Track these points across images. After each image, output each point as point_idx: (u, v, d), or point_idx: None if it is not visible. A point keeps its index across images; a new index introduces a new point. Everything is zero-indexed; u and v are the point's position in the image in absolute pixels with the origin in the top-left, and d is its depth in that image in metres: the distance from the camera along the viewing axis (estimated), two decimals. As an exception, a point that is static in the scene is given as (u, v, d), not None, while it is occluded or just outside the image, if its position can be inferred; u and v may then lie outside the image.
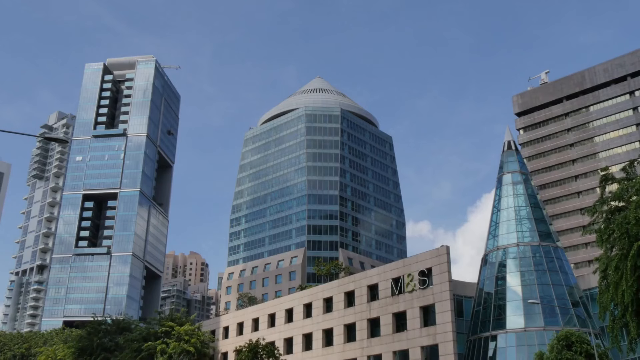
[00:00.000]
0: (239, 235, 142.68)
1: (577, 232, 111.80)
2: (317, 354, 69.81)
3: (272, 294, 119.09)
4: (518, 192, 66.46)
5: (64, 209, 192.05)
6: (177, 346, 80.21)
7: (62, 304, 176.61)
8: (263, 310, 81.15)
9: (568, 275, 62.13)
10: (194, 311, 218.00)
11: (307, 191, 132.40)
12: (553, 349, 38.55)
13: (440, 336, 58.00)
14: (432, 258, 61.43)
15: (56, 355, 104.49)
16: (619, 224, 30.75)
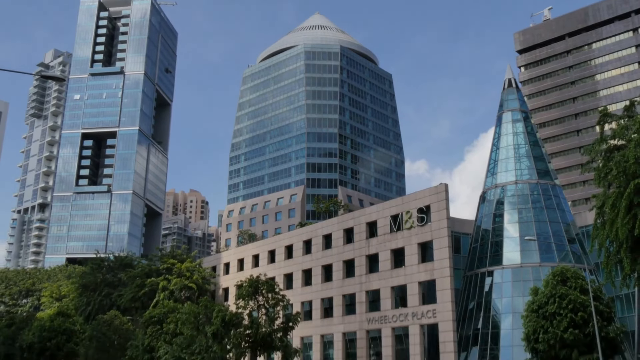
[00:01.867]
0: (238, 173, 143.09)
1: (576, 170, 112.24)
2: (317, 289, 71.17)
3: (271, 231, 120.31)
4: (517, 130, 66.40)
5: (63, 148, 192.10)
6: (178, 282, 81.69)
7: (65, 242, 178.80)
8: (263, 247, 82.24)
9: (565, 213, 62.76)
10: (194, 248, 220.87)
11: (307, 129, 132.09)
12: (548, 284, 39.29)
13: (437, 272, 59.03)
14: (431, 195, 61.90)
15: (60, 291, 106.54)
16: (617, 162, 30.85)
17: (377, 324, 63.75)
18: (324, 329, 69.39)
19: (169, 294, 79.63)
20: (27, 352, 73.62)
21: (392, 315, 62.40)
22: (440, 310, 58.02)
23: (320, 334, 69.70)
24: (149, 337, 61.56)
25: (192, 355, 47.07)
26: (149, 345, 61.41)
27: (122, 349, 66.75)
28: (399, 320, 61.67)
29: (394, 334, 62.46)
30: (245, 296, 51.11)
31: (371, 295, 65.84)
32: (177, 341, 52.24)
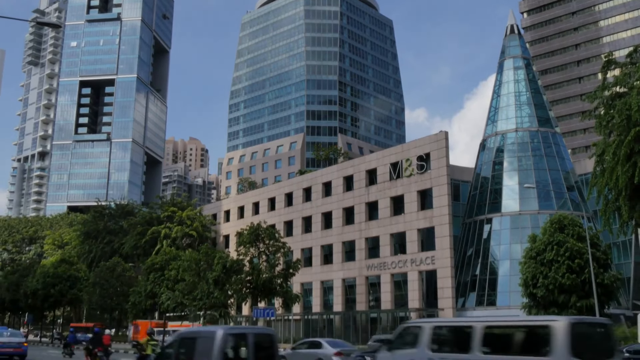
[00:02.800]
0: (238, 120, 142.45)
1: (577, 117, 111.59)
2: (316, 237, 71.83)
3: (271, 178, 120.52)
4: (519, 77, 65.89)
5: (61, 96, 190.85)
6: (179, 230, 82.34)
7: (65, 190, 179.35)
8: (263, 194, 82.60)
9: (565, 161, 62.84)
10: (195, 196, 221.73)
11: (306, 76, 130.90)
12: (546, 231, 39.55)
13: (436, 219, 59.44)
14: (431, 143, 61.82)
15: (62, 239, 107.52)
16: (619, 110, 30.64)
17: (376, 271, 64.57)
18: (324, 275, 70.31)
19: (171, 242, 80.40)
20: (31, 298, 74.81)
21: (391, 262, 63.14)
22: (438, 257, 58.68)
23: (320, 280, 70.66)
24: (151, 284, 62.39)
25: (194, 301, 47.77)
26: (151, 291, 62.31)
27: (124, 295, 67.76)
28: (397, 267, 62.42)
29: (393, 280, 63.31)
30: (246, 243, 51.54)
31: (370, 242, 66.48)
32: (178, 287, 52.93)
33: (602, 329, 12.94)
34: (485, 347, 12.08)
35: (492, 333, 12.82)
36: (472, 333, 12.75)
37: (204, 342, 13.57)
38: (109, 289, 68.08)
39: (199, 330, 15.57)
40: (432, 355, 12.86)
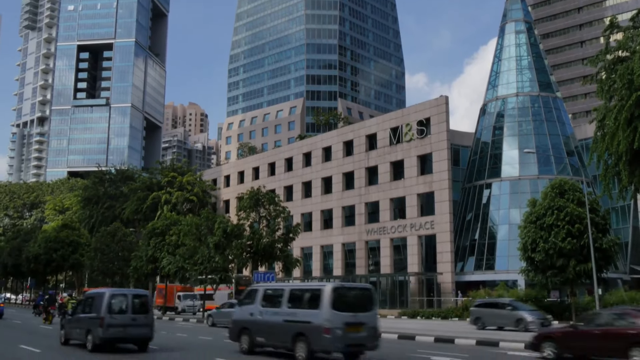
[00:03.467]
0: (237, 85, 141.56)
1: (578, 82, 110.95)
2: (316, 201, 72.05)
3: (271, 143, 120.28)
4: (520, 41, 65.33)
5: (59, 60, 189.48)
6: (180, 195, 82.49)
7: (65, 155, 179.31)
8: (263, 159, 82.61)
9: (565, 126, 62.69)
10: (195, 161, 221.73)
11: (306, 40, 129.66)
12: (547, 196, 39.59)
13: (436, 184, 59.56)
14: (431, 108, 61.62)
15: (63, 204, 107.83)
16: (621, 74, 30.40)
17: (375, 235, 64.92)
18: (324, 240, 70.72)
19: (171, 207, 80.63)
20: (33, 263, 75.33)
21: (390, 227, 63.44)
22: (438, 221, 58.95)
23: (320, 244, 71.09)
24: (152, 249, 62.72)
25: (195, 265, 48.09)
26: (152, 256, 62.66)
27: (125, 260, 68.18)
28: (397, 231, 62.75)
29: (392, 245, 63.71)
30: (246, 208, 51.74)
31: (370, 207, 66.72)
32: (179, 252, 53.24)
33: (360, 291, 19.11)
34: (289, 303, 18.60)
35: (294, 294, 18.94)
36: (283, 294, 19.07)
37: (99, 300, 20.77)
38: (110, 254, 68.45)
39: (97, 292, 22.43)
40: (261, 308, 19.42)
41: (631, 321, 17.07)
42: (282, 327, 18.15)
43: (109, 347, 19.97)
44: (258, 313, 19.41)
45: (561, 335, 19.04)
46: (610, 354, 17.15)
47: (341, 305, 17.17)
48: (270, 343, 18.98)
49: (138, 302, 21.04)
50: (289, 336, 17.73)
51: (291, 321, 17.94)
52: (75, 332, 21.62)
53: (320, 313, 16.97)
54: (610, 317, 18.27)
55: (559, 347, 18.48)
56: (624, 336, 16.82)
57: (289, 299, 18.75)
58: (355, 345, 17.45)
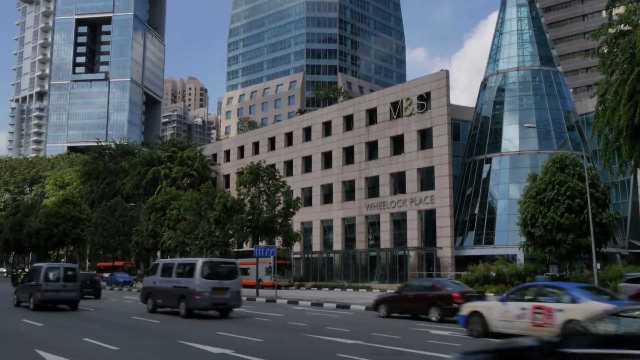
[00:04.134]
0: (237, 59, 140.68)
1: (579, 56, 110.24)
2: (316, 176, 72.07)
3: (271, 118, 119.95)
4: (522, 15, 64.76)
5: (57, 34, 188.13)
6: (180, 170, 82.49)
7: (65, 130, 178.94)
8: (263, 134, 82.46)
9: (566, 100, 62.43)
10: (195, 136, 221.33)
11: (306, 14, 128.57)
12: (547, 171, 39.60)
13: (436, 159, 59.52)
14: (431, 82, 61.35)
15: (64, 179, 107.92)
16: (623, 48, 30.18)
17: (375, 210, 65.05)
18: (324, 215, 70.87)
19: (171, 182, 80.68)
20: (34, 238, 75.63)
21: (390, 201, 63.54)
22: (438, 196, 59.02)
23: (320, 219, 71.26)
24: (153, 223, 62.98)
25: (195, 240, 48.30)
26: (153, 230, 62.95)
27: (126, 234, 68.48)
28: (397, 206, 62.86)
29: (392, 219, 63.86)
30: (247, 183, 51.83)
31: (370, 182, 66.76)
32: (180, 227, 53.50)
33: (225, 265, 24.84)
34: (176, 274, 24.50)
35: (180, 267, 24.88)
36: (173, 267, 25.19)
37: (38, 271, 26.31)
38: (111, 229, 68.73)
39: (38, 265, 28.00)
40: (160, 278, 25.25)
41: (434, 289, 23.25)
42: (172, 291, 23.93)
43: (45, 307, 25.87)
44: (158, 282, 25.21)
45: (390, 299, 25.14)
46: (419, 312, 23.47)
47: (209, 275, 23.02)
48: (165, 304, 24.74)
49: (68, 273, 26.78)
50: (175, 298, 23.50)
51: (177, 287, 23.65)
52: (23, 297, 27.28)
53: (194, 281, 22.74)
54: (421, 286, 25.32)
55: (389, 308, 24.48)
56: (426, 299, 23.04)
57: (176, 271, 24.57)
58: (220, 304, 23.14)
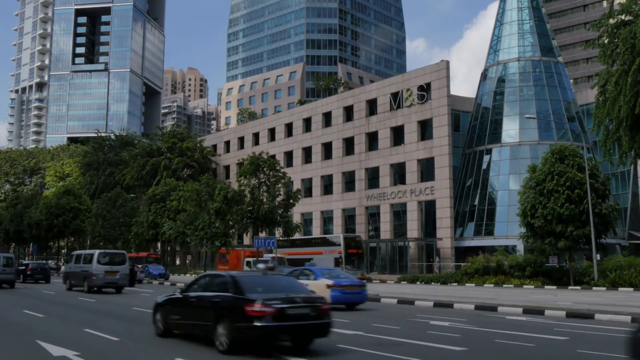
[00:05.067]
0: (237, 50, 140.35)
1: (580, 46, 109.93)
2: (317, 167, 72.06)
3: (271, 109, 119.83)
4: (522, 5, 64.54)
5: (56, 25, 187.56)
6: (180, 161, 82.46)
7: (65, 121, 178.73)
8: (263, 125, 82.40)
9: (566, 91, 62.31)
10: (194, 126, 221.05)
11: (306, 4, 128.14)
12: (547, 161, 39.60)
13: (436, 149, 59.49)
14: (432, 73, 61.23)
15: (64, 170, 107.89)
16: (623, 38, 30.10)
17: (375, 201, 65.09)
18: (324, 206, 70.92)
19: (172, 173, 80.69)
20: (35, 229, 75.68)
21: (390, 192, 63.57)
22: (438, 187, 59.04)
23: (320, 210, 71.32)
24: (153, 214, 63.01)
25: (195, 231, 48.31)
26: (153, 221, 63.00)
27: (127, 225, 68.53)
28: (397, 197, 62.89)
29: (392, 210, 63.91)
30: (247, 174, 51.84)
31: (370, 173, 66.76)
32: (180, 217, 53.49)
33: (116, 254, 33.66)
34: (82, 261, 32.73)
35: (85, 256, 33.14)
36: (81, 256, 33.78)
37: None
38: (112, 220, 68.76)
39: None
40: (74, 264, 33.94)
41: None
42: (80, 274, 32.50)
43: None
44: (72, 267, 34.25)
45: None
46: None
47: (103, 261, 31.77)
48: (77, 283, 33.08)
49: (6, 261, 35.68)
50: (81, 278, 32.17)
51: (82, 270, 32.22)
52: None
53: (92, 266, 31.44)
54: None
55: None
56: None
57: (83, 259, 33.23)
58: (111, 283, 31.67)
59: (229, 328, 11.22)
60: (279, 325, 10.91)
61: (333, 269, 27.46)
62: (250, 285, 11.74)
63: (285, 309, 11.03)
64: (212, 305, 12.09)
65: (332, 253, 48.47)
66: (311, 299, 11.93)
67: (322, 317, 11.61)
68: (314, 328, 11.59)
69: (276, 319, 10.83)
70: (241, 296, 11.33)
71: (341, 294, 22.06)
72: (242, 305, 11.01)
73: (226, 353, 11.22)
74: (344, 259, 45.66)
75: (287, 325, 11.06)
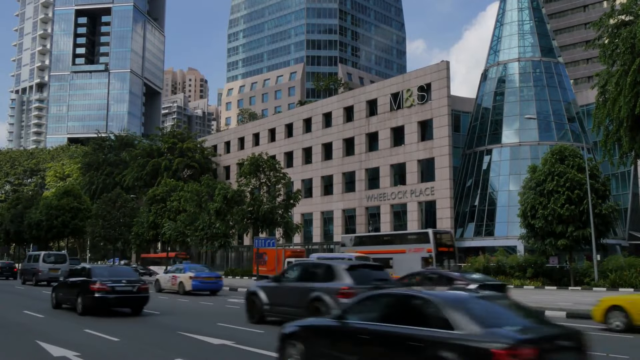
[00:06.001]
0: (237, 50, 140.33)
1: (580, 47, 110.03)
2: (317, 167, 72.04)
3: (271, 109, 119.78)
4: (523, 5, 64.53)
5: (57, 25, 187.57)
6: (180, 162, 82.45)
7: (65, 121, 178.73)
8: (263, 125, 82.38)
9: (566, 91, 62.28)
10: (195, 127, 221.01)
11: (306, 4, 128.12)
12: (547, 162, 39.55)
13: (436, 150, 59.47)
14: (432, 73, 61.22)
15: (64, 170, 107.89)
16: (623, 38, 30.13)
17: (376, 201, 65.06)
18: (324, 206, 70.90)
19: (172, 174, 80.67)
20: (35, 230, 75.63)
21: (390, 193, 63.55)
22: (438, 187, 59.02)
23: (320, 210, 71.30)
24: (153, 215, 62.96)
25: (196, 231, 48.35)
26: (153, 222, 62.95)
27: (127, 226, 68.49)
28: (397, 198, 62.86)
29: (393, 211, 63.88)
30: (247, 174, 51.83)
31: (370, 173, 66.74)
32: (180, 218, 53.51)
33: (59, 255, 41.52)
34: (33, 260, 40.56)
35: (34, 256, 40.74)
36: (32, 256, 41.66)
37: None
38: (112, 220, 68.73)
39: None
40: (26, 263, 41.96)
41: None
42: (31, 270, 39.28)
43: None
44: (26, 265, 40.98)
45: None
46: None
47: (48, 260, 38.51)
48: (28, 279, 39.75)
49: None
50: (31, 274, 38.56)
51: (32, 268, 38.98)
52: None
53: (39, 264, 38.04)
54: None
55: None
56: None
57: (33, 258, 40.36)
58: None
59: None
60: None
61: (197, 265, 35.17)
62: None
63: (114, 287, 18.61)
64: None
65: (419, 252, 42.69)
66: (134, 281, 19.37)
67: (142, 292, 19.17)
68: (136, 300, 19.34)
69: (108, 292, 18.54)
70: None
71: (200, 283, 30.58)
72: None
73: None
74: (434, 258, 40.50)
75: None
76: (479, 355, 6.66)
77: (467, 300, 7.67)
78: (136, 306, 19.65)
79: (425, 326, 7.32)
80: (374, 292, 8.88)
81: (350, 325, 8.29)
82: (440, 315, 7.24)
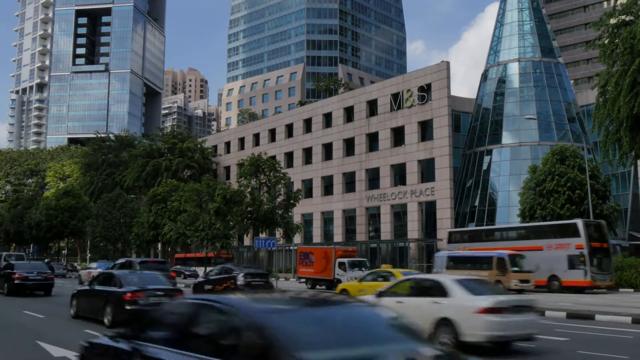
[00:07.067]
0: (237, 51, 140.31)
1: (580, 47, 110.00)
2: (317, 168, 72.04)
3: (272, 109, 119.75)
4: (523, 5, 64.55)
5: (57, 26, 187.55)
6: (180, 162, 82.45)
7: (65, 122, 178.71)
8: (263, 125, 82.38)
9: (566, 91, 62.30)
10: (195, 127, 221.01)
11: (306, 4, 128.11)
12: (547, 162, 39.62)
13: (437, 150, 59.47)
14: (432, 73, 61.21)
15: (64, 171, 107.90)
16: (623, 38, 30.15)
17: (376, 202, 65.06)
18: (324, 206, 70.90)
19: (172, 174, 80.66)
20: (35, 230, 75.69)
21: (391, 193, 63.54)
22: (438, 188, 59.01)
23: (320, 211, 71.29)
24: (154, 215, 63.01)
25: (196, 231, 48.35)
26: (153, 222, 63.00)
27: (127, 226, 68.53)
28: (397, 198, 62.86)
29: (393, 211, 63.88)
30: (247, 174, 51.81)
31: (371, 174, 66.74)
32: (180, 218, 53.51)
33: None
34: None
35: (9, 256, 44.21)
36: (1, 257, 45.11)
37: None
38: (112, 221, 68.77)
39: None
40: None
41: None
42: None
43: None
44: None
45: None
46: None
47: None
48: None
49: None
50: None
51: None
52: None
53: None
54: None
55: None
56: None
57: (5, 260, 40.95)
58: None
59: None
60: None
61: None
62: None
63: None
64: None
65: (564, 249, 33.43)
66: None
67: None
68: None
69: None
70: None
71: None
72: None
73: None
74: (587, 257, 32.23)
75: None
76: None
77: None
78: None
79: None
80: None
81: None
82: None
